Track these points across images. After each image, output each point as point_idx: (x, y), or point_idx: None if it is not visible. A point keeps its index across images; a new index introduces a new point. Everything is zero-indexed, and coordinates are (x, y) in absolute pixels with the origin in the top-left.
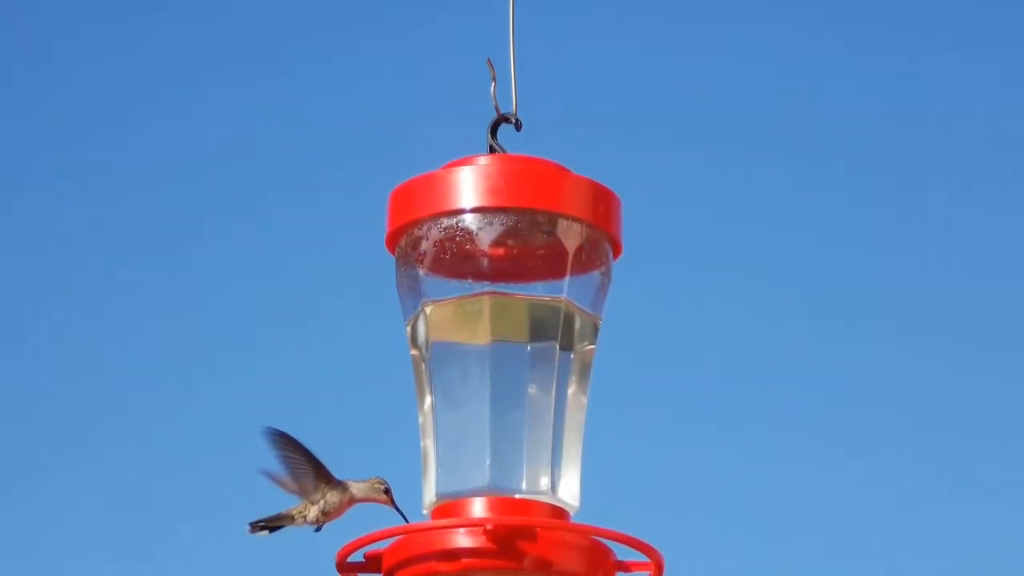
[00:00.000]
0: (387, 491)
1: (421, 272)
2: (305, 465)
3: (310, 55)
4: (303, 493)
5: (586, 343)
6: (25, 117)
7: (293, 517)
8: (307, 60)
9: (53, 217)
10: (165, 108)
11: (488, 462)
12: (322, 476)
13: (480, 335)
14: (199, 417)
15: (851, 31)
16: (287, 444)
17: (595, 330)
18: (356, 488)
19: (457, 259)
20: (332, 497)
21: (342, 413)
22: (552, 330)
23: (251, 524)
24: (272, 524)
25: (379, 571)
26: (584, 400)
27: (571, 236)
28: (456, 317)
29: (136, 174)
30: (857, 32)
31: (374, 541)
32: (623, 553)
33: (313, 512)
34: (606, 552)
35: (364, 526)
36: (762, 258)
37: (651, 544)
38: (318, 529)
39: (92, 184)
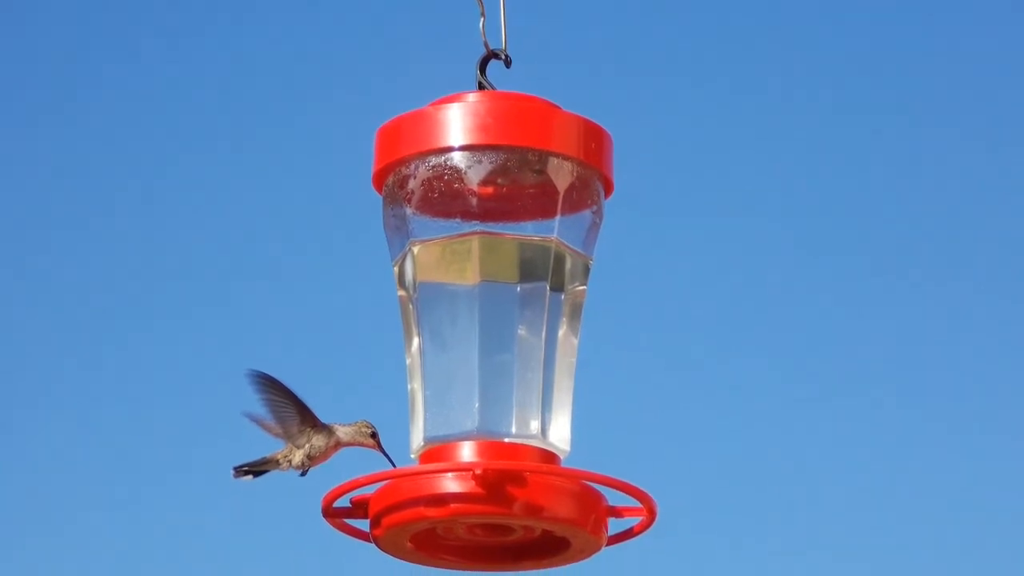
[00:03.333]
0: (374, 435)
1: (408, 211)
2: (290, 408)
3: None
4: (288, 437)
5: (577, 284)
6: None
7: (278, 461)
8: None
9: (28, 141)
10: (149, 36)
11: (477, 405)
12: (307, 420)
13: (469, 275)
14: (183, 359)
15: None
16: (272, 387)
17: (586, 271)
18: (342, 432)
19: (445, 198)
20: (318, 441)
21: (327, 355)
22: (542, 270)
23: (235, 468)
24: (256, 469)
25: (366, 516)
26: (575, 342)
27: (562, 174)
28: (444, 257)
29: (119, 104)
30: None
31: (361, 486)
32: (615, 498)
33: (298, 456)
34: (598, 497)
35: (350, 471)
36: (756, 196)
37: (643, 489)
38: (303, 473)
39: (78, 101)
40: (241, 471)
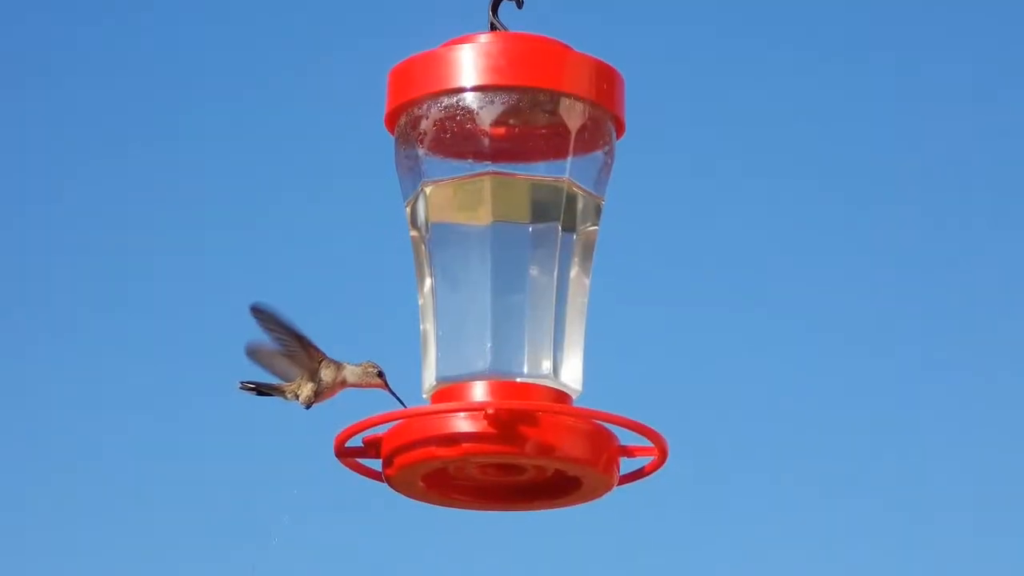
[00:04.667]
0: (380, 374)
1: (421, 152)
2: (295, 344)
3: None
4: (297, 372)
5: (589, 224)
6: None
7: (284, 391)
8: None
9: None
10: None
11: (489, 345)
12: (315, 355)
13: (481, 216)
14: (189, 296)
15: None
16: (276, 322)
17: (598, 211)
18: (349, 371)
19: (457, 138)
20: (326, 376)
21: (338, 295)
22: (554, 211)
23: (242, 383)
24: (262, 389)
25: (378, 456)
26: (587, 282)
27: (573, 115)
28: (456, 198)
29: (131, 41)
30: None
31: (373, 426)
32: (627, 438)
33: (307, 390)
34: (609, 437)
35: (362, 411)
36: (773, 137)
37: (655, 429)
38: (307, 408)
39: (97, 36)
40: (247, 386)
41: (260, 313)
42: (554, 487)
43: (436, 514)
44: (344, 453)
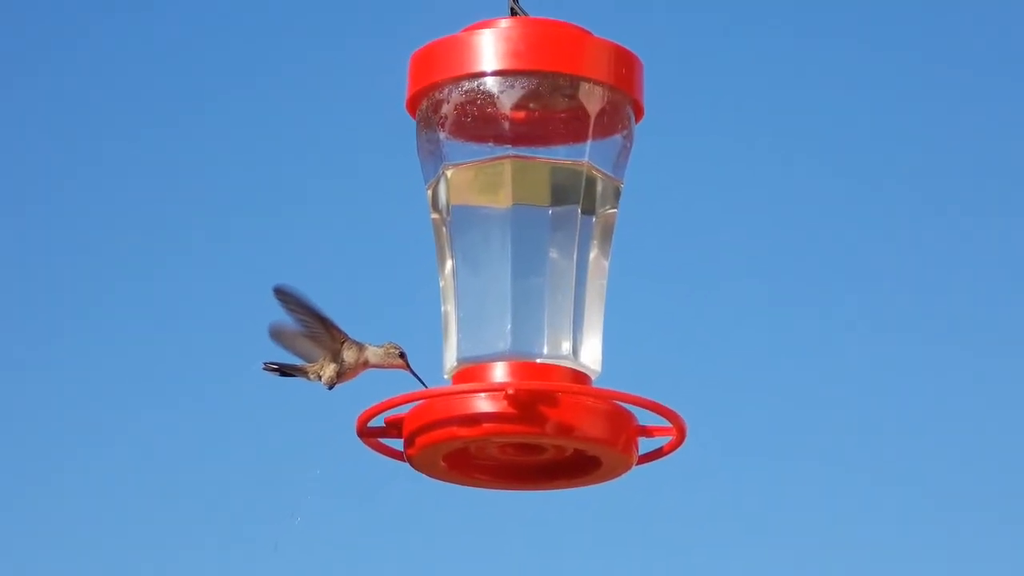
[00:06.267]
0: (402, 355)
1: (442, 136)
2: (318, 325)
3: None
4: (315, 354)
5: (608, 207)
6: None
7: (307, 372)
8: None
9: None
10: None
11: (509, 326)
12: (337, 336)
13: (501, 199)
14: (213, 278)
15: None
16: (298, 303)
17: (617, 194)
18: (371, 352)
19: (478, 122)
20: (349, 357)
21: (360, 278)
22: (573, 194)
23: (265, 363)
24: (285, 370)
25: (400, 436)
26: (606, 264)
27: (593, 99)
28: (477, 181)
29: (150, 37)
30: None
31: (395, 406)
32: (645, 418)
33: (329, 371)
34: (628, 417)
35: (384, 392)
36: (788, 121)
37: (673, 409)
38: (330, 388)
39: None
40: (270, 367)
41: (283, 295)
42: (573, 467)
43: (457, 493)
44: (366, 433)
